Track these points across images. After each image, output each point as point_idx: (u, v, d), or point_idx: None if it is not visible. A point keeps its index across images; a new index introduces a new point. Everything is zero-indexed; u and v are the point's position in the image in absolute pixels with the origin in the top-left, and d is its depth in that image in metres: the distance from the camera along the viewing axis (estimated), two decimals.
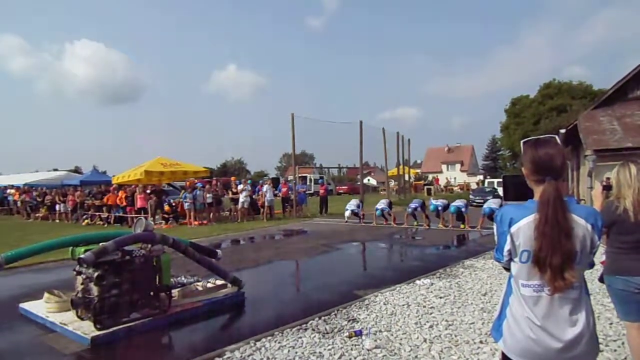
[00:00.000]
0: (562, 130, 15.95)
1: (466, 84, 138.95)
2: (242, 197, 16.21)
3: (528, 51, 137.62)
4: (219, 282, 5.74)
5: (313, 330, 4.33)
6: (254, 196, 17.40)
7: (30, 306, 5.11)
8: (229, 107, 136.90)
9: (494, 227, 1.79)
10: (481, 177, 41.50)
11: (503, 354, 1.77)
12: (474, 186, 37.27)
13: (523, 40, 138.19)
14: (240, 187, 16.63)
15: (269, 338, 4.13)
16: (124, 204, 16.59)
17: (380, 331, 4.24)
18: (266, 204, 16.72)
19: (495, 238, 1.77)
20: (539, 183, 1.70)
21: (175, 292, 5.24)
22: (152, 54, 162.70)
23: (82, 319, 4.48)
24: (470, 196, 24.08)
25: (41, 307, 4.91)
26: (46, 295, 4.93)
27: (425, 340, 3.98)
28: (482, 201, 18.71)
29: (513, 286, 1.74)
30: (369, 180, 41.20)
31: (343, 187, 40.69)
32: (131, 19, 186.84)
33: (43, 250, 4.86)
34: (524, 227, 1.66)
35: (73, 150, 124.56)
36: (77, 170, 47.36)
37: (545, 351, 1.63)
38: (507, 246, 1.70)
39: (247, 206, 16.48)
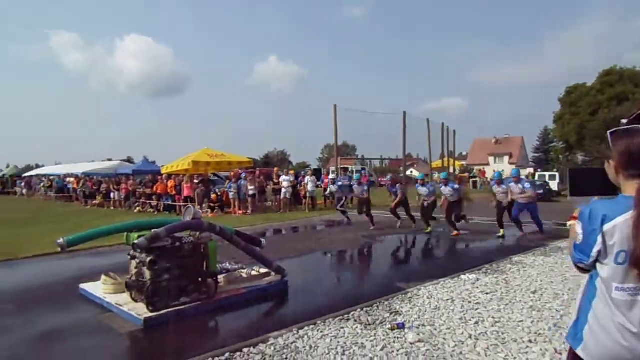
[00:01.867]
0: (624, 121, 14.90)
1: (516, 72, 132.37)
2: (284, 188, 16.44)
3: (585, 36, 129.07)
4: (263, 270, 5.87)
5: (355, 321, 4.34)
6: (297, 187, 17.61)
7: (89, 287, 5.45)
8: (271, 99, 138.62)
9: (577, 225, 1.59)
10: (531, 170, 39.64)
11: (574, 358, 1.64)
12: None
13: (580, 24, 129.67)
14: (282, 177, 16.85)
15: (311, 327, 4.19)
16: (173, 192, 17.28)
17: (423, 325, 4.18)
18: (308, 194, 16.88)
19: (579, 237, 1.57)
20: (633, 178, 1.53)
21: (221, 278, 5.42)
22: (195, 47, 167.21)
23: (135, 301, 4.73)
24: None
25: (99, 288, 5.23)
26: (103, 277, 5.24)
27: (470, 337, 3.88)
28: None
29: (599, 289, 1.57)
30: (412, 172, 40.49)
31: (385, 180, 40.09)
32: (175, 12, 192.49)
33: (101, 235, 5.18)
34: (621, 224, 1.48)
35: (125, 141, 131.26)
36: (129, 160, 49.78)
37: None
38: (598, 246, 1.52)
39: (290, 197, 16.70)
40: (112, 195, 20.48)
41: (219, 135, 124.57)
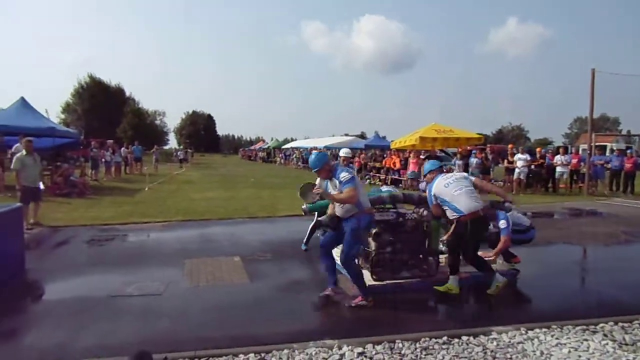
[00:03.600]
0: None
1: None
2: (518, 167, 14.80)
3: None
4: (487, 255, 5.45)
5: (605, 336, 3.57)
6: (532, 167, 15.60)
7: None
8: (507, 67, 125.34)
9: None
10: None
11: None
12: None
13: None
14: (517, 156, 15.16)
15: (544, 330, 3.66)
16: (398, 167, 17.89)
17: None
18: (558, 174, 14.78)
19: None
20: None
21: (442, 257, 5.31)
22: (426, 18, 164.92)
23: (362, 268, 5.12)
24: None
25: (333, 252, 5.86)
26: None
27: None
28: None
29: None
30: None
31: None
32: None
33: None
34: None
35: (360, 116, 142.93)
36: (362, 136, 54.09)
37: None
38: None
39: (524, 177, 14.95)
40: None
41: (448, 109, 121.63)
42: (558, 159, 15.15)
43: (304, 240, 6.50)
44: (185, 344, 3.39)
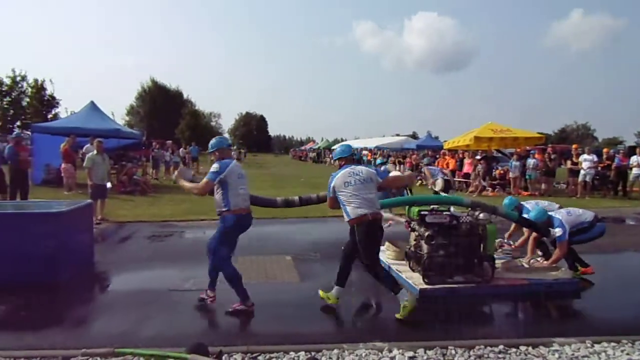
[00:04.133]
0: None
1: None
2: (583, 169, 13.85)
3: None
4: (546, 262, 5.16)
5: None
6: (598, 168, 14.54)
7: None
8: (570, 62, 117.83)
9: None
10: None
11: None
12: None
13: None
14: (583, 157, 14.18)
15: (612, 344, 3.42)
16: (452, 168, 17.33)
17: None
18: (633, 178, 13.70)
19: None
20: None
21: (498, 263, 5.10)
22: (481, 14, 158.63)
23: (413, 270, 5.03)
24: None
25: (383, 253, 5.81)
26: (387, 243, 5.79)
27: None
28: None
29: None
30: None
31: None
32: None
33: (391, 205, 6.26)
34: None
35: (411, 116, 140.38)
36: (414, 136, 53.00)
37: None
38: None
39: (590, 180, 13.97)
40: (398, 167, 22.44)
41: (506, 108, 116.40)
42: (634, 159, 13.81)
43: None
44: (238, 338, 3.51)
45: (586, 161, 13.86)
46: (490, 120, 17.02)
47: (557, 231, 4.45)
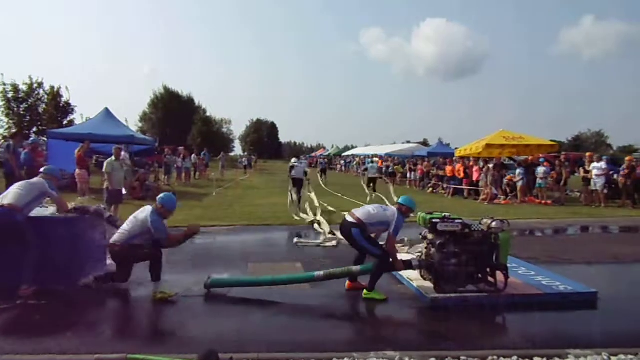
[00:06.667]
0: None
1: None
2: (594, 178, 13.59)
3: None
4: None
5: None
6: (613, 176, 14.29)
7: None
8: (581, 69, 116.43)
9: None
10: None
11: None
12: None
13: None
14: (593, 165, 13.93)
15: (630, 356, 3.34)
16: (461, 175, 17.18)
17: None
18: None
19: None
20: None
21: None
22: (491, 18, 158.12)
23: (424, 279, 4.99)
24: None
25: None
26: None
27: None
28: None
29: None
30: None
31: None
32: None
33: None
34: None
35: (422, 123, 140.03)
36: (425, 143, 52.78)
37: None
38: None
39: (602, 188, 13.72)
40: (409, 175, 22.32)
41: (519, 115, 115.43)
42: None
43: None
44: (249, 345, 3.50)
45: (595, 169, 13.62)
46: (502, 127, 16.92)
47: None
